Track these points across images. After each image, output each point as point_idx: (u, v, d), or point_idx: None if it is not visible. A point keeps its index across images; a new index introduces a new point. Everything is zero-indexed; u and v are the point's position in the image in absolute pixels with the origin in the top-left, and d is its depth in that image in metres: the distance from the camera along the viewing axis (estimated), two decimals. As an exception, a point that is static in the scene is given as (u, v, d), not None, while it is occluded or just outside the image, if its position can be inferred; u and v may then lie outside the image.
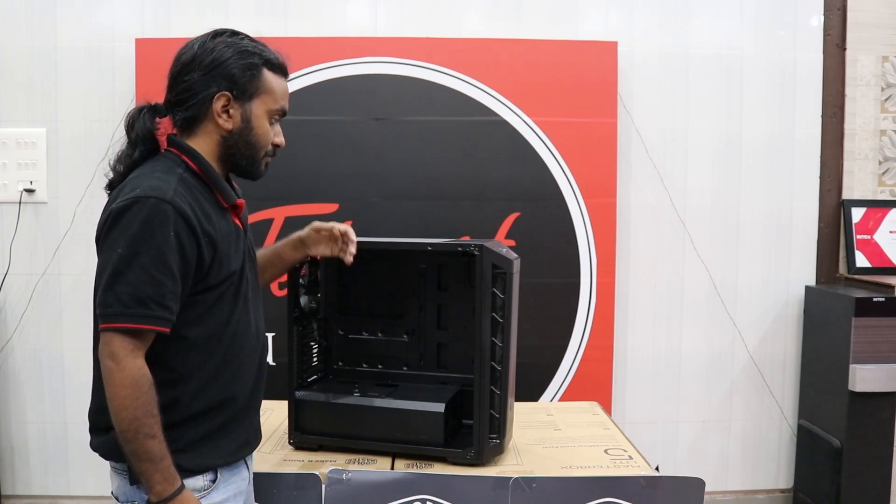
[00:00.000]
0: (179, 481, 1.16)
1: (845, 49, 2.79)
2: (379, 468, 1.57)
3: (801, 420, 2.82)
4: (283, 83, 1.31)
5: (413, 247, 1.60)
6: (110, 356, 1.11)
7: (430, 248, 1.59)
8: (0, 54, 2.64)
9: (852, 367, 2.48)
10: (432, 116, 2.62)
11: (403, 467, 1.58)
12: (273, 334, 2.49)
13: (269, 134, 1.29)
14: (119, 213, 1.13)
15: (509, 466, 1.59)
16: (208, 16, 2.64)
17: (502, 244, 1.64)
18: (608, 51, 2.65)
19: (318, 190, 2.61)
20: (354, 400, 1.65)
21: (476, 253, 1.52)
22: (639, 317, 2.81)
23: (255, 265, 1.38)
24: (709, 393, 2.87)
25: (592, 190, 2.65)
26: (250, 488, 1.41)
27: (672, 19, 2.76)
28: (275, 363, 2.52)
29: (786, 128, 2.81)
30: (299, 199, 2.62)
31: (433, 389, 1.70)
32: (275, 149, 1.33)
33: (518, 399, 1.73)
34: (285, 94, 1.31)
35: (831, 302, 2.64)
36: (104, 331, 1.12)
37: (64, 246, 2.69)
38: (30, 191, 2.68)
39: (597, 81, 2.64)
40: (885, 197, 2.86)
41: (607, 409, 2.45)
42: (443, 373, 1.77)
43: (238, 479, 1.31)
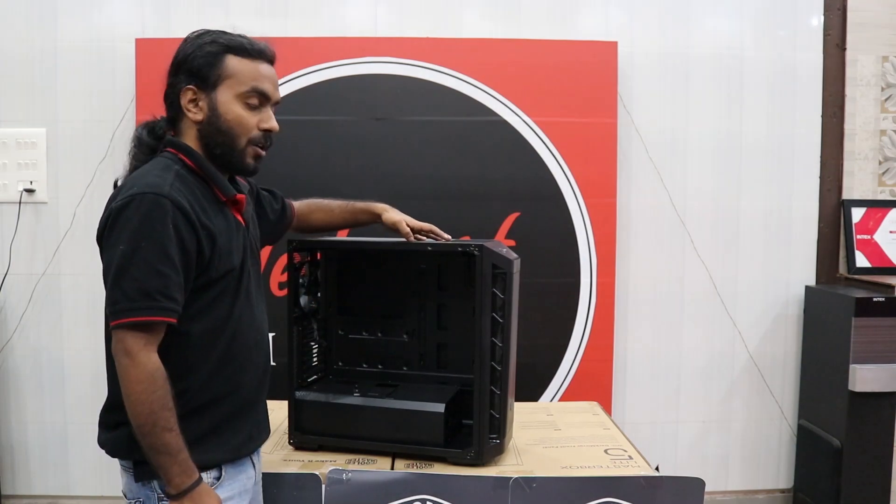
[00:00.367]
0: (197, 473, 1.17)
1: (845, 49, 2.79)
2: (379, 468, 1.57)
3: (801, 420, 2.82)
4: (253, 65, 1.27)
5: (413, 247, 1.60)
6: (125, 353, 1.12)
7: (430, 249, 1.60)
8: (0, 54, 2.65)
9: (852, 367, 2.48)
10: (432, 116, 2.62)
11: (403, 467, 1.58)
12: (273, 334, 2.49)
13: (243, 118, 1.26)
14: (118, 211, 1.15)
15: (509, 466, 1.59)
16: (208, 16, 2.64)
17: (502, 244, 1.64)
18: (608, 51, 2.65)
19: (318, 190, 2.58)
20: (354, 400, 1.65)
21: (476, 253, 1.52)
22: (639, 317, 2.81)
23: (257, 260, 1.39)
24: (709, 393, 2.87)
25: (592, 190, 2.65)
26: (258, 489, 1.41)
27: (672, 19, 2.76)
28: (275, 363, 2.51)
29: (786, 128, 2.80)
30: (299, 198, 2.61)
31: (433, 389, 1.70)
32: (266, 135, 1.29)
33: (518, 399, 1.73)
34: (257, 76, 1.27)
35: (831, 302, 2.64)
36: (115, 328, 1.13)
37: (64, 246, 2.69)
38: (30, 191, 2.68)
39: (597, 81, 2.64)
40: (885, 197, 2.85)
41: (607, 409, 2.45)
42: (443, 373, 1.77)
43: (243, 476, 1.31)
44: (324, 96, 2.60)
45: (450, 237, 1.65)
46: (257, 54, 1.28)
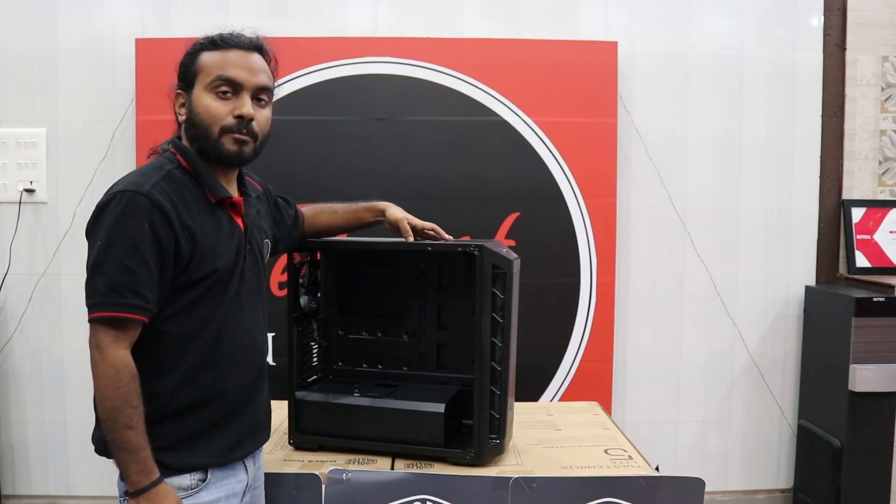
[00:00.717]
0: (156, 474, 1.16)
1: (845, 49, 2.79)
2: (379, 468, 1.57)
3: (801, 420, 2.82)
4: (221, 54, 1.27)
5: (413, 247, 1.60)
6: (94, 346, 1.15)
7: (430, 249, 1.60)
8: (0, 54, 2.64)
9: (852, 367, 2.48)
10: (432, 116, 2.62)
11: (403, 467, 1.58)
12: (273, 334, 2.50)
13: (211, 107, 1.25)
14: (101, 208, 1.18)
15: (509, 466, 1.59)
16: (208, 16, 2.64)
17: (502, 244, 1.64)
18: (608, 51, 2.65)
19: (318, 190, 2.60)
20: (354, 400, 1.65)
21: (476, 253, 1.52)
22: (639, 317, 2.81)
23: (258, 263, 1.37)
24: (709, 393, 2.87)
25: (592, 190, 2.65)
26: (258, 493, 1.41)
27: (672, 19, 2.76)
28: (275, 363, 2.52)
29: (786, 128, 2.80)
30: (299, 198, 2.59)
31: (433, 389, 1.70)
32: (240, 122, 1.26)
33: (518, 399, 1.73)
34: (224, 64, 1.26)
35: (831, 302, 2.64)
36: (89, 322, 1.15)
37: (64, 246, 2.69)
38: (30, 191, 2.68)
39: (597, 81, 2.64)
40: (885, 197, 2.85)
41: (607, 409, 2.45)
42: (443, 373, 1.77)
43: (233, 480, 1.30)
44: (324, 96, 2.60)
45: (451, 238, 1.65)
46: (227, 44, 1.28)
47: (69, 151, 2.67)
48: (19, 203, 2.67)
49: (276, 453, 1.65)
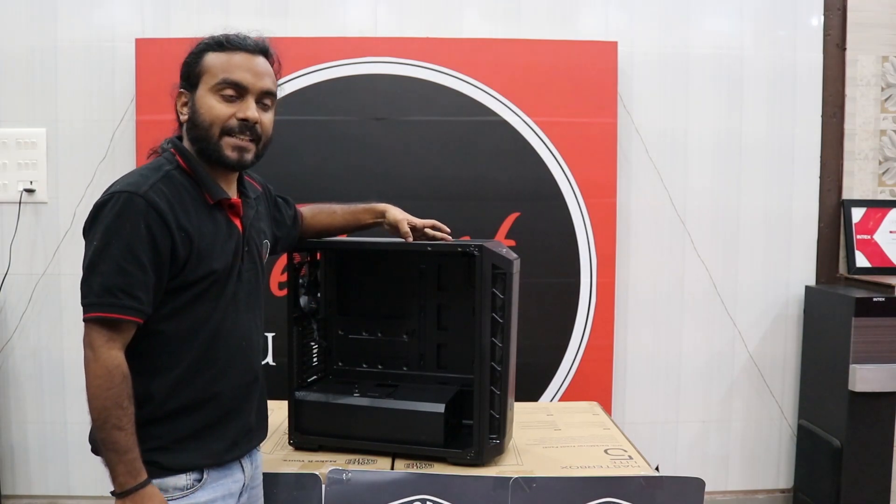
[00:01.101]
0: (144, 476, 1.17)
1: (845, 49, 2.79)
2: (379, 468, 1.57)
3: (801, 420, 2.82)
4: (227, 56, 1.27)
5: (413, 247, 1.60)
6: (88, 346, 1.15)
7: (429, 249, 1.60)
8: (0, 54, 2.64)
9: (852, 367, 2.48)
10: (432, 116, 2.62)
11: (403, 467, 1.58)
12: (273, 334, 2.50)
13: (213, 109, 1.25)
14: (97, 209, 1.18)
15: (509, 466, 1.59)
16: (208, 16, 2.64)
17: (502, 244, 1.64)
18: (608, 51, 2.65)
19: (318, 189, 2.60)
20: (354, 400, 1.65)
21: (476, 253, 1.52)
22: (639, 317, 2.81)
23: (256, 265, 1.37)
24: (709, 393, 2.87)
25: (592, 190, 2.65)
26: (256, 493, 1.41)
27: (672, 19, 2.76)
28: (275, 363, 2.52)
29: (786, 128, 2.80)
30: (299, 198, 2.60)
31: (433, 389, 1.70)
32: (243, 125, 1.26)
33: (518, 399, 1.73)
34: (229, 67, 1.26)
35: (831, 302, 2.64)
36: (84, 321, 1.15)
37: (64, 246, 2.69)
38: (30, 191, 2.68)
39: (597, 81, 2.64)
40: (885, 197, 2.85)
41: (607, 409, 2.45)
42: (443, 373, 1.77)
43: (229, 480, 1.30)
44: (324, 96, 2.60)
45: (450, 231, 1.65)
46: (233, 46, 1.28)
47: (69, 151, 2.67)
48: (19, 203, 2.67)
49: (276, 453, 1.65)
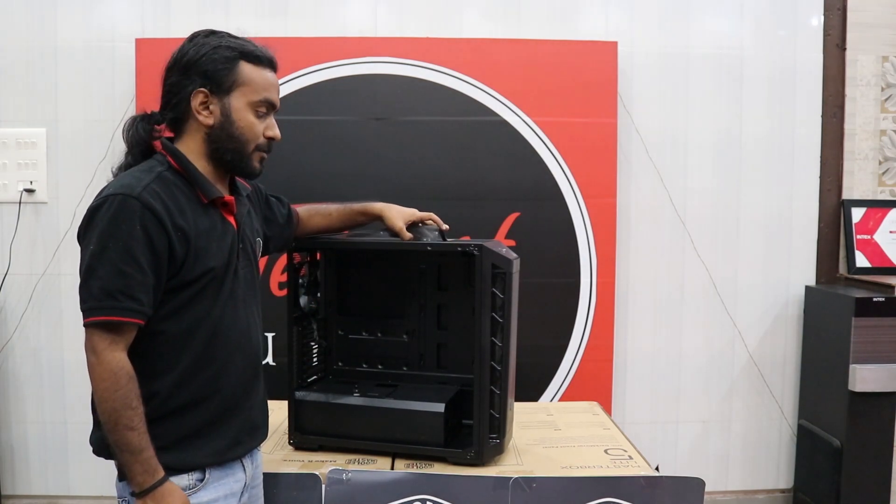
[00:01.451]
0: (161, 473, 1.17)
1: (845, 49, 2.79)
2: (379, 468, 1.57)
3: (801, 420, 2.82)
4: (266, 74, 1.30)
5: (413, 247, 1.60)
6: (91, 350, 1.15)
7: (429, 249, 1.60)
8: (0, 54, 2.64)
9: (852, 367, 2.48)
10: (432, 116, 2.62)
11: (403, 467, 1.58)
12: (273, 334, 2.50)
13: (254, 126, 1.29)
14: (92, 212, 1.18)
15: (509, 466, 1.59)
16: (208, 16, 2.64)
17: (502, 244, 1.64)
18: (608, 51, 2.65)
19: (318, 190, 2.60)
20: (354, 400, 1.65)
21: (476, 253, 1.52)
22: (639, 316, 2.81)
23: (251, 262, 1.38)
24: (709, 393, 2.87)
25: (592, 190, 2.65)
26: (256, 493, 1.41)
27: (672, 19, 2.76)
28: (275, 363, 2.52)
29: (785, 128, 2.80)
30: (299, 198, 2.59)
31: (433, 389, 1.70)
32: (269, 143, 1.33)
33: (518, 399, 1.73)
34: (268, 86, 1.30)
35: (831, 302, 2.64)
36: (85, 326, 1.16)
37: (64, 246, 2.69)
38: (30, 191, 2.68)
39: (597, 81, 2.64)
40: (885, 197, 2.85)
41: (607, 409, 2.45)
42: (443, 373, 1.77)
43: (231, 480, 1.31)
44: (324, 96, 2.60)
45: (448, 228, 1.64)
46: (267, 62, 1.31)
47: (69, 151, 2.68)
48: (19, 203, 2.67)
49: (276, 453, 1.65)
